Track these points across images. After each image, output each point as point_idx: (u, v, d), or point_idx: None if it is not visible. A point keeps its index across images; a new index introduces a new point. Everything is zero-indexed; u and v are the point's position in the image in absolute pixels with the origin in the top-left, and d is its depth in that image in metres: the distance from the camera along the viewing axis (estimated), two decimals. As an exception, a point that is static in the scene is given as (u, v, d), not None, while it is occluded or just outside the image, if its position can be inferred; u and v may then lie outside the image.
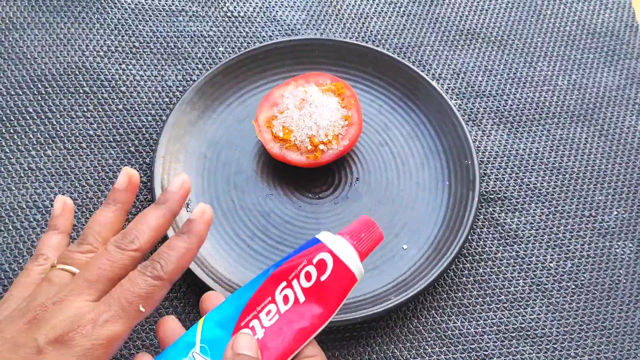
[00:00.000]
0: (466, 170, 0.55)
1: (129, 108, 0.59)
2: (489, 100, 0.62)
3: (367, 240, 0.38)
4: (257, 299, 0.36)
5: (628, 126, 0.62)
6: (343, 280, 0.36)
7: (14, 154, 0.56)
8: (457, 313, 0.52)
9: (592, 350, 0.51)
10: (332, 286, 0.36)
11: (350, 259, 0.37)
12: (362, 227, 0.38)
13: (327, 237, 0.37)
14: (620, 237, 0.56)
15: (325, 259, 0.36)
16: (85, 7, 0.64)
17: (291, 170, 0.56)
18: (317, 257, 0.36)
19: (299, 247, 0.38)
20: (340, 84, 0.57)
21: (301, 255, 0.37)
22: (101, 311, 0.33)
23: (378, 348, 0.50)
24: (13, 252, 0.51)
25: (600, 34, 0.67)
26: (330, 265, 0.36)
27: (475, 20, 0.67)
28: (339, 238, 0.38)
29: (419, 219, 0.55)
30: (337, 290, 0.36)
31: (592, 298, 0.53)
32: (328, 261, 0.36)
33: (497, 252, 0.55)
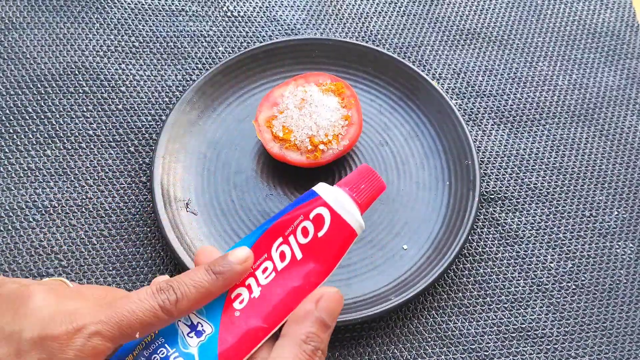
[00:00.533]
0: (466, 170, 0.55)
1: (129, 108, 0.59)
2: (489, 100, 0.62)
3: (368, 191, 0.36)
4: (254, 256, 0.34)
5: (628, 126, 0.62)
6: (341, 236, 0.34)
7: (14, 154, 0.55)
8: (457, 313, 0.52)
9: (593, 350, 0.51)
10: (330, 242, 0.34)
11: (349, 212, 0.34)
12: (362, 177, 0.36)
13: (325, 189, 0.35)
14: (620, 238, 0.56)
15: (322, 213, 0.34)
16: (85, 7, 0.64)
17: (291, 170, 0.56)
18: (314, 212, 0.34)
19: (296, 199, 0.35)
20: (340, 84, 0.57)
21: (297, 209, 0.34)
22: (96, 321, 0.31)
23: (378, 348, 0.50)
24: (13, 252, 0.51)
25: (600, 34, 0.67)
26: (328, 220, 0.34)
27: (475, 20, 0.67)
28: (338, 190, 0.35)
29: (419, 219, 0.55)
30: (335, 247, 0.34)
31: (592, 298, 0.53)
32: (325, 216, 0.34)
33: (497, 252, 0.55)
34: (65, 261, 0.51)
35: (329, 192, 0.35)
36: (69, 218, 0.53)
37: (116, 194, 0.55)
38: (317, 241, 0.34)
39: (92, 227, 0.53)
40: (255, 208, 0.54)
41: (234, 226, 0.53)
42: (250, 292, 0.33)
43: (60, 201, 0.54)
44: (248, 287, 0.34)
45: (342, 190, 0.35)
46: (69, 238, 0.52)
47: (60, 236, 0.52)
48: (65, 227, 0.53)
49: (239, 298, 0.33)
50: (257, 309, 0.33)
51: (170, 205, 0.52)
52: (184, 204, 0.53)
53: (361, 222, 0.35)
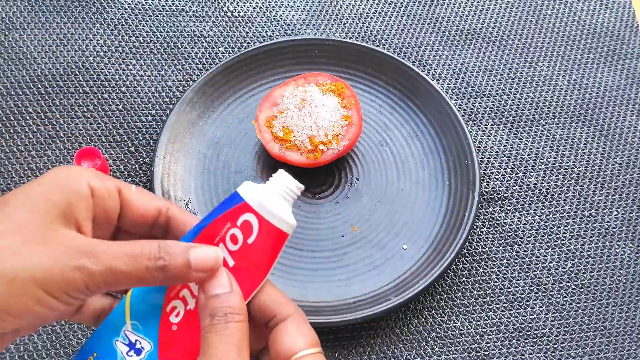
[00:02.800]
0: (466, 170, 0.55)
1: (129, 108, 0.59)
2: (489, 100, 0.62)
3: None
4: None
5: (628, 126, 0.62)
6: (272, 240, 0.33)
7: (14, 154, 0.56)
8: (457, 313, 0.52)
9: (592, 350, 0.51)
10: (261, 247, 0.33)
11: (276, 216, 0.33)
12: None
13: (250, 192, 0.33)
14: (620, 237, 0.56)
15: (249, 220, 0.33)
16: (85, 7, 0.64)
17: (291, 170, 0.56)
18: (240, 219, 0.33)
19: (222, 202, 0.34)
20: (340, 84, 0.57)
21: (224, 215, 0.33)
22: None
23: (378, 348, 0.50)
24: (13, 252, 0.51)
25: (600, 34, 0.67)
26: (256, 227, 0.32)
27: (475, 20, 0.67)
28: (262, 192, 0.33)
29: (419, 219, 0.55)
30: (267, 251, 0.33)
31: (592, 298, 0.53)
32: (253, 222, 0.32)
33: (497, 252, 0.55)
34: (66, 261, 0.51)
35: (254, 196, 0.33)
36: (69, 218, 0.53)
37: (116, 194, 0.55)
38: (248, 247, 0.33)
39: (93, 227, 0.53)
40: (255, 208, 0.55)
41: (234, 226, 0.54)
42: (185, 304, 0.32)
43: (61, 201, 0.54)
44: (182, 299, 0.33)
45: (268, 191, 0.34)
46: (69, 238, 0.52)
47: (61, 236, 0.52)
48: (65, 227, 0.53)
49: (175, 311, 0.32)
50: (194, 321, 0.32)
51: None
52: (184, 204, 0.54)
53: (291, 221, 0.34)
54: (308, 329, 0.33)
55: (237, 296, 0.31)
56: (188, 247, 0.30)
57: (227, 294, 0.31)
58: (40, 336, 0.48)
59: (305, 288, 0.51)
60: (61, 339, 0.48)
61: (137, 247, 0.29)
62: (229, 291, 0.31)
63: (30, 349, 0.48)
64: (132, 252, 0.29)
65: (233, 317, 0.30)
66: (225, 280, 0.31)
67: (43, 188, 0.29)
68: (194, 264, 0.30)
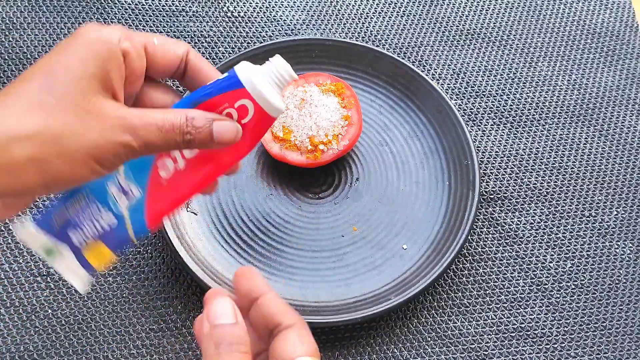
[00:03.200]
0: (466, 170, 0.55)
1: (129, 108, 0.59)
2: (489, 100, 0.62)
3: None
4: None
5: (628, 126, 0.62)
6: (262, 124, 0.36)
7: (14, 154, 0.55)
8: (457, 313, 0.52)
9: (592, 350, 0.51)
10: (252, 128, 0.36)
11: (271, 106, 0.36)
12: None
13: (248, 77, 0.35)
14: (620, 237, 0.56)
15: (246, 105, 0.35)
16: (85, 7, 0.64)
17: (291, 170, 0.56)
18: (238, 102, 0.35)
19: (218, 81, 0.36)
20: (340, 84, 0.57)
21: (224, 96, 0.35)
22: None
23: (378, 348, 0.50)
24: (13, 252, 0.51)
25: (600, 34, 0.67)
26: (252, 112, 0.35)
27: (475, 20, 0.67)
28: (260, 76, 0.36)
29: (419, 218, 0.55)
30: (256, 132, 0.36)
31: (591, 298, 0.53)
32: (249, 107, 0.35)
33: (497, 251, 0.55)
34: (66, 261, 0.51)
35: (253, 80, 0.35)
36: (70, 218, 0.53)
37: (116, 194, 0.55)
38: (241, 126, 0.36)
39: (93, 227, 0.53)
40: (255, 208, 0.55)
41: (234, 226, 0.54)
42: (175, 163, 0.36)
43: (61, 201, 0.54)
44: (174, 158, 0.36)
45: (264, 77, 0.36)
46: (69, 238, 0.52)
47: (61, 236, 0.52)
48: (65, 227, 0.53)
49: (165, 168, 0.36)
50: (181, 180, 0.36)
51: (170, 205, 0.52)
52: (184, 204, 0.54)
53: (281, 108, 0.36)
54: (309, 339, 0.34)
55: (241, 329, 0.33)
56: (212, 120, 0.34)
57: (231, 326, 0.33)
58: (41, 336, 0.48)
59: (305, 288, 0.51)
60: (61, 339, 0.49)
61: (168, 123, 0.33)
62: (233, 323, 0.33)
63: (31, 349, 0.48)
64: (164, 127, 0.32)
65: (238, 347, 0.32)
66: (230, 311, 0.33)
67: (79, 56, 0.32)
68: (216, 137, 0.34)
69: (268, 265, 0.52)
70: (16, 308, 0.49)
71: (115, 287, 0.51)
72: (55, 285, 0.50)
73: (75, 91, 0.31)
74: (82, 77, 0.31)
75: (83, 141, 0.31)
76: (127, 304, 0.50)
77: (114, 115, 0.32)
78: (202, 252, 0.51)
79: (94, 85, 0.32)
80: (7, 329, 0.49)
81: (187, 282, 0.51)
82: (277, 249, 0.53)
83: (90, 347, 0.48)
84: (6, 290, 0.50)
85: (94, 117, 0.31)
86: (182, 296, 0.51)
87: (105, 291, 0.51)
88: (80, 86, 0.31)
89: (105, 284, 0.51)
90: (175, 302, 0.51)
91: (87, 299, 0.50)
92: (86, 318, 0.49)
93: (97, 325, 0.49)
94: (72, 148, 0.30)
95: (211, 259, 0.51)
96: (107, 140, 0.31)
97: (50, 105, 0.30)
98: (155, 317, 0.50)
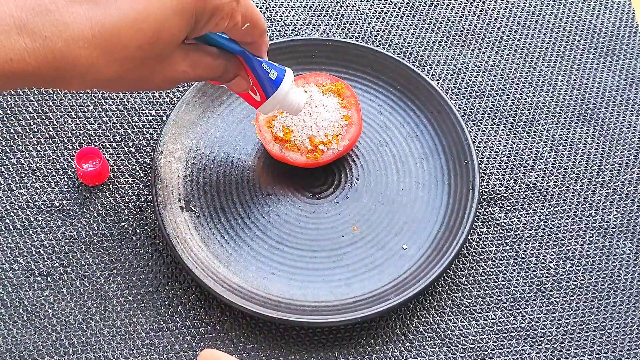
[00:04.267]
0: (466, 170, 0.55)
1: (129, 108, 0.59)
2: (489, 100, 0.62)
3: None
4: None
5: (628, 126, 0.62)
6: (253, 100, 0.48)
7: (14, 154, 0.56)
8: (456, 313, 0.52)
9: (592, 350, 0.51)
10: (248, 95, 0.47)
11: (265, 107, 0.47)
12: None
13: (285, 89, 0.47)
14: (619, 237, 0.56)
15: (260, 90, 0.46)
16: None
17: (291, 170, 0.56)
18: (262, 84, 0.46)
19: (274, 66, 0.46)
20: (340, 84, 0.57)
21: (259, 75, 0.45)
22: None
23: (378, 348, 0.50)
24: (13, 252, 0.51)
25: (600, 34, 0.67)
26: (258, 96, 0.47)
27: (475, 21, 0.67)
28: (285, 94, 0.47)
29: (419, 218, 0.55)
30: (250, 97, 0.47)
31: (591, 298, 0.53)
32: (257, 93, 0.46)
33: (497, 251, 0.55)
34: (66, 261, 0.52)
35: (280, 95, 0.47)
36: (69, 218, 0.53)
37: (116, 194, 0.55)
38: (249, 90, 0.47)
39: (92, 227, 0.53)
40: (256, 208, 0.55)
41: (234, 226, 0.54)
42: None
43: (61, 201, 0.54)
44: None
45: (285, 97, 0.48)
46: (69, 238, 0.52)
47: (61, 236, 0.52)
48: (65, 227, 0.53)
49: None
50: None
51: (170, 205, 0.52)
52: (185, 204, 0.54)
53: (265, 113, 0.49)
54: None
55: None
56: (234, 74, 0.45)
57: None
58: (41, 336, 0.49)
59: (305, 288, 0.51)
60: (61, 339, 0.49)
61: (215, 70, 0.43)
62: None
63: (31, 348, 0.48)
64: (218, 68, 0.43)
65: None
66: None
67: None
68: (232, 84, 0.46)
69: (268, 265, 0.52)
70: (16, 308, 0.49)
71: (115, 287, 0.51)
72: (55, 285, 0.50)
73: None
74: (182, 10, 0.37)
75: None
76: (127, 304, 0.50)
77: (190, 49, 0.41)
78: (202, 252, 0.51)
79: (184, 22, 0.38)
80: (7, 329, 0.49)
81: (187, 282, 0.51)
82: (277, 249, 0.53)
83: (91, 347, 0.48)
84: (6, 290, 0.50)
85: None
86: (182, 296, 0.51)
87: (106, 291, 0.51)
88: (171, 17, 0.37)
89: (106, 284, 0.51)
90: (175, 302, 0.51)
91: (87, 299, 0.50)
92: (86, 318, 0.49)
93: (97, 325, 0.49)
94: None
95: (211, 259, 0.51)
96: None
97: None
98: (155, 317, 0.50)
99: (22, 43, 0.32)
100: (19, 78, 0.33)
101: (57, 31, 0.33)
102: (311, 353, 0.50)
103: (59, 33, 0.33)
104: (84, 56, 0.34)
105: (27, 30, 0.32)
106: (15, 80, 0.33)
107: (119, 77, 0.37)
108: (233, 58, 0.44)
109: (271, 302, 0.50)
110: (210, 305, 0.51)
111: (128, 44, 0.35)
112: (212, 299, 0.51)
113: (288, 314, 0.48)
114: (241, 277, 0.51)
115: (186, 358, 0.49)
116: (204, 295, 0.51)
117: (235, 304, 0.48)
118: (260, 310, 0.48)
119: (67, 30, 0.33)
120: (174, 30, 0.37)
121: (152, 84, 0.40)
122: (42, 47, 0.33)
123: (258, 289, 0.51)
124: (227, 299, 0.48)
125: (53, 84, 0.35)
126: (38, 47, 0.33)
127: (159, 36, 0.37)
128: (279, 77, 0.46)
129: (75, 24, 0.33)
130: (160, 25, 0.36)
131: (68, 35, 0.33)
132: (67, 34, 0.33)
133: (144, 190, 0.55)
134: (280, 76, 0.46)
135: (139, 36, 0.36)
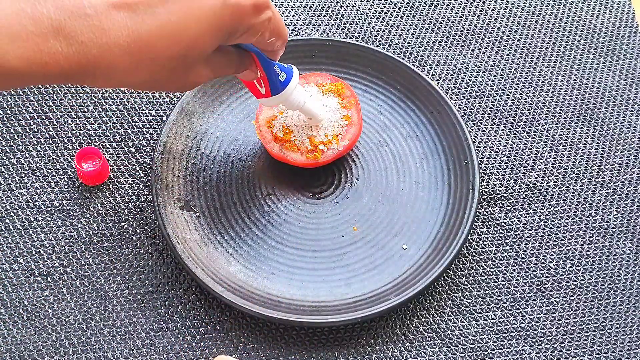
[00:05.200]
0: (466, 170, 0.55)
1: (129, 108, 0.59)
2: (489, 100, 0.62)
3: None
4: None
5: (627, 126, 0.62)
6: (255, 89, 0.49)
7: (14, 154, 0.56)
8: (456, 313, 0.52)
9: (592, 350, 0.51)
10: (254, 85, 0.49)
11: (269, 102, 0.50)
12: None
13: (291, 89, 0.49)
14: (619, 237, 0.56)
15: (266, 85, 0.48)
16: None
17: (291, 170, 0.56)
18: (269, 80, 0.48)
19: (277, 71, 0.48)
20: (340, 84, 0.57)
21: (269, 72, 0.47)
22: None
23: (378, 348, 0.50)
24: (13, 252, 0.51)
25: (600, 34, 0.67)
26: (263, 90, 0.49)
27: (475, 21, 0.67)
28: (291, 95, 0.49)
29: (419, 218, 0.55)
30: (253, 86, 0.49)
31: (591, 298, 0.53)
32: (264, 85, 0.48)
33: (497, 251, 0.55)
34: (66, 261, 0.52)
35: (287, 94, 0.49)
36: (69, 218, 0.53)
37: (116, 194, 0.55)
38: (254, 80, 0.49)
39: (92, 227, 0.53)
40: (256, 208, 0.55)
41: (234, 226, 0.54)
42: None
43: (61, 201, 0.54)
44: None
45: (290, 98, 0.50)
46: (69, 238, 0.52)
47: (61, 236, 0.52)
48: (65, 227, 0.53)
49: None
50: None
51: (170, 205, 0.52)
52: (185, 204, 0.54)
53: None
54: None
55: None
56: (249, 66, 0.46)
57: None
58: (41, 336, 0.49)
59: (305, 288, 0.51)
60: (61, 339, 0.49)
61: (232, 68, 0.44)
62: None
63: (31, 348, 0.48)
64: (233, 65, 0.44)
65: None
66: None
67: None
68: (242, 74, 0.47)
69: (268, 265, 0.52)
70: (16, 308, 0.49)
71: (115, 287, 0.51)
72: (55, 285, 0.51)
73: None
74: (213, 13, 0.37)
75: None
76: (127, 304, 0.50)
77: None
78: (202, 252, 0.51)
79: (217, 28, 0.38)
80: (7, 329, 0.49)
81: (187, 282, 0.51)
82: (277, 249, 0.53)
83: (91, 347, 0.48)
84: (6, 290, 0.50)
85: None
86: (182, 296, 0.51)
87: (106, 291, 0.51)
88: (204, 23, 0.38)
89: (106, 284, 0.51)
90: (175, 302, 0.51)
91: (87, 299, 0.50)
92: (86, 318, 0.50)
93: (97, 325, 0.49)
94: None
95: (211, 258, 0.51)
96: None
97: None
98: (155, 317, 0.50)
99: (58, 47, 0.32)
100: (47, 78, 0.33)
101: (94, 37, 0.33)
102: (311, 353, 0.50)
103: (96, 39, 0.33)
104: (116, 62, 0.34)
105: (64, 35, 0.32)
106: (42, 80, 0.33)
107: (144, 81, 0.37)
108: (246, 53, 0.45)
109: (271, 302, 0.50)
110: (210, 305, 0.51)
111: (161, 54, 0.36)
112: (212, 299, 0.51)
113: (288, 314, 0.49)
114: (241, 277, 0.51)
115: (186, 358, 0.49)
116: (204, 295, 0.51)
117: (235, 304, 0.48)
118: (260, 310, 0.48)
119: (104, 36, 0.33)
120: (207, 45, 0.38)
121: (173, 87, 0.41)
122: (77, 53, 0.33)
123: (258, 289, 0.51)
124: (227, 299, 0.48)
125: (77, 82, 0.35)
126: (73, 52, 0.32)
127: (192, 50, 0.37)
128: (287, 79, 0.48)
129: (112, 32, 0.33)
130: (195, 40, 0.37)
131: (104, 42, 0.33)
132: (103, 41, 0.33)
133: (144, 190, 0.55)
134: (288, 78, 0.48)
135: (173, 48, 0.36)
